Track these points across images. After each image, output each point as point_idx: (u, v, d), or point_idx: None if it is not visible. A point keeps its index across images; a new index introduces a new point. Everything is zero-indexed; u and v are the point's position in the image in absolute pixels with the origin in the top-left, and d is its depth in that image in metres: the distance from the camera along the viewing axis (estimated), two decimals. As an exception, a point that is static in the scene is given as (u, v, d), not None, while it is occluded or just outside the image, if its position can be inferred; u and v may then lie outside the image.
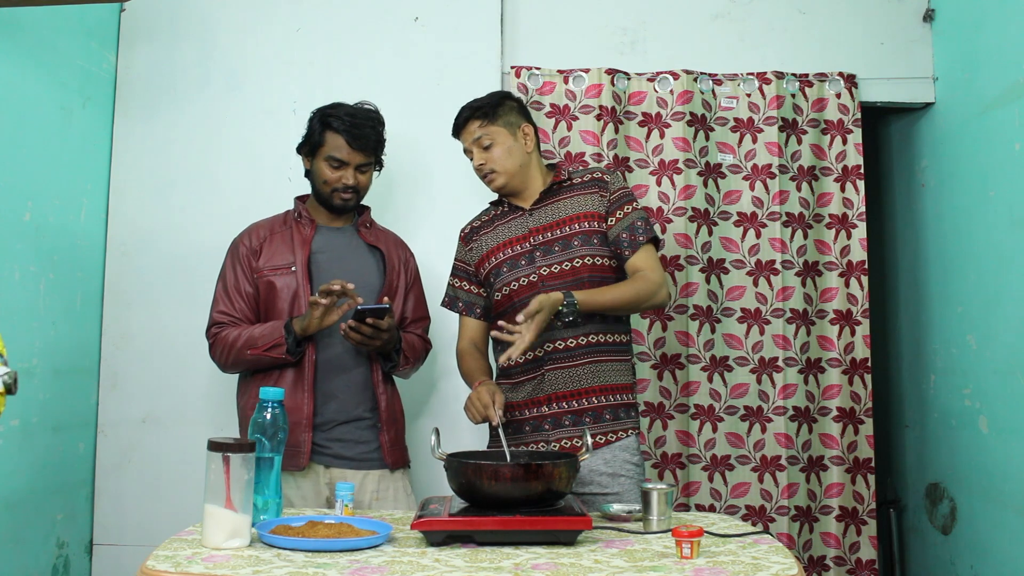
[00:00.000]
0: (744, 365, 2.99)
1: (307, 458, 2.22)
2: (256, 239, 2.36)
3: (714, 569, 1.52)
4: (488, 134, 2.26)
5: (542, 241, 2.26)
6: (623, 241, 2.25)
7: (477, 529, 1.67)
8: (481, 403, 2.08)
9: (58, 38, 2.60)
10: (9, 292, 2.37)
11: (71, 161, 2.70)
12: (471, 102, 2.32)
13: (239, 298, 2.32)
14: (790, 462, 2.94)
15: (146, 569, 1.46)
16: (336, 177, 2.32)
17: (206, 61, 2.97)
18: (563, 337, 2.21)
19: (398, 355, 2.31)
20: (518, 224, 2.30)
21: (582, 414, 2.21)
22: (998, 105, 2.68)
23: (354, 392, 2.29)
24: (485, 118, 2.27)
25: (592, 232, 2.25)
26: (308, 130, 2.37)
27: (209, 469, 1.61)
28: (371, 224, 2.46)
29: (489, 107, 2.29)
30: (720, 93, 3.06)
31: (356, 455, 2.28)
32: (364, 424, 2.30)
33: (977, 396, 2.79)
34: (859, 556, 2.96)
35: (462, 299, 2.38)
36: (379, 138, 2.37)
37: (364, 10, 3.01)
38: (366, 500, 2.27)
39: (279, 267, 2.31)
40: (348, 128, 2.29)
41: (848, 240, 3.05)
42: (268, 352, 2.22)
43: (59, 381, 2.63)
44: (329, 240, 2.38)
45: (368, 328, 2.15)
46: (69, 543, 2.69)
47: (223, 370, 2.37)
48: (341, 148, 2.30)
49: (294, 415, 2.22)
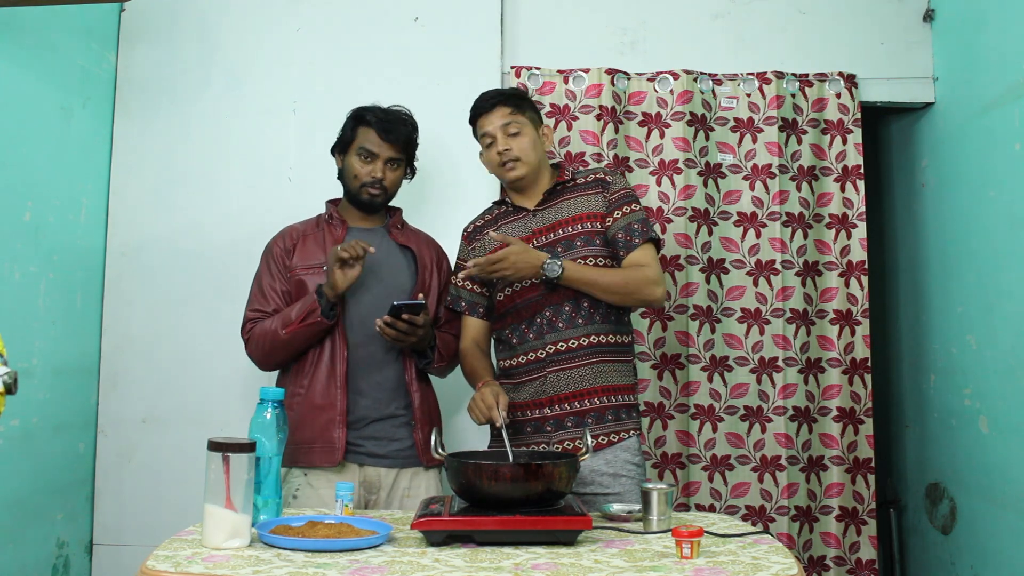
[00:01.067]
0: (744, 365, 2.99)
1: (342, 454, 2.22)
2: (290, 240, 2.39)
3: (714, 569, 1.52)
4: (517, 122, 2.27)
5: (545, 242, 2.25)
6: (619, 241, 2.25)
7: (477, 529, 1.67)
8: (485, 404, 2.07)
9: (58, 38, 2.60)
10: (9, 292, 2.37)
11: (71, 161, 2.71)
12: (496, 89, 2.35)
13: (274, 296, 2.33)
14: (790, 462, 2.94)
15: (146, 569, 1.46)
16: (366, 171, 2.34)
17: (206, 61, 2.97)
18: (565, 338, 2.21)
19: (432, 352, 2.31)
20: (522, 224, 2.30)
21: (584, 415, 2.20)
22: (998, 105, 2.68)
23: (387, 390, 2.30)
24: (515, 105, 2.28)
25: (594, 233, 2.25)
26: (341, 130, 2.41)
27: (209, 469, 1.61)
28: (403, 225, 2.47)
29: (518, 97, 2.31)
30: (720, 93, 3.06)
31: (390, 452, 2.28)
32: (398, 421, 2.30)
33: (977, 396, 2.79)
34: (859, 556, 2.96)
35: (465, 298, 2.36)
36: (410, 136, 2.38)
37: (364, 10, 3.01)
38: (397, 497, 2.27)
39: (311, 267, 2.33)
40: (380, 121, 2.34)
41: (848, 240, 3.05)
42: (303, 322, 2.22)
43: (59, 381, 2.63)
44: (360, 240, 2.38)
45: (403, 324, 2.15)
46: (69, 543, 2.69)
47: (262, 366, 2.36)
48: (372, 140, 2.33)
49: (327, 412, 2.23)
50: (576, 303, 2.22)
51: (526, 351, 2.24)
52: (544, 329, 2.22)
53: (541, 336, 2.22)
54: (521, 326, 2.25)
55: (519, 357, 2.25)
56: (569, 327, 2.20)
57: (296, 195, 2.89)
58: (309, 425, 2.24)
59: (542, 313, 2.22)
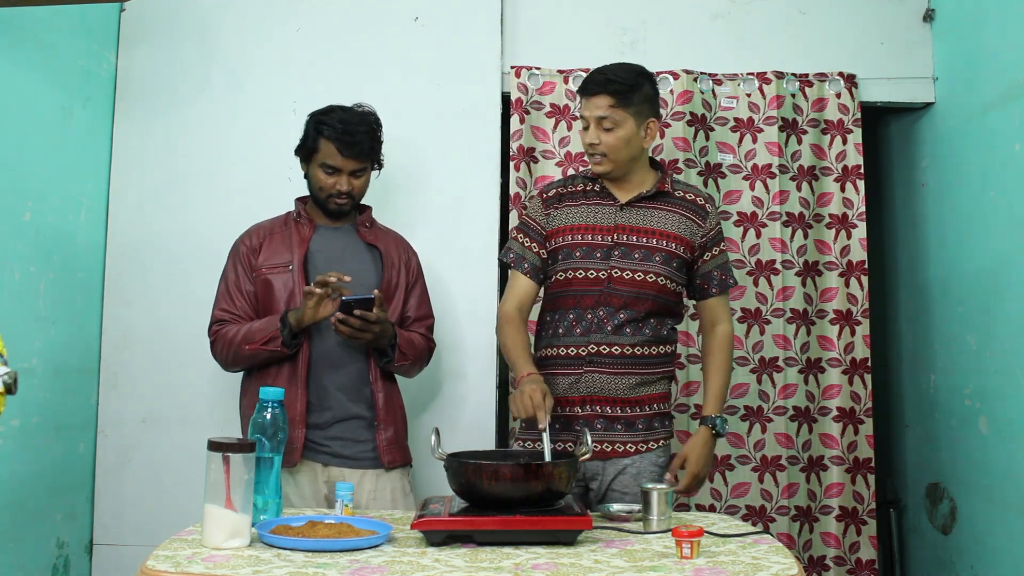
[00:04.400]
0: (744, 365, 2.99)
1: (299, 454, 2.22)
2: (256, 239, 2.38)
3: (714, 569, 1.52)
4: (614, 117, 2.14)
5: (625, 243, 2.19)
6: (713, 279, 2.25)
7: (477, 529, 1.67)
8: (533, 403, 1.96)
9: (58, 38, 2.60)
10: (9, 292, 2.37)
11: (71, 161, 2.70)
12: (610, 70, 2.16)
13: (240, 296, 2.33)
14: (790, 462, 2.94)
15: (146, 569, 1.46)
16: (331, 183, 2.32)
17: (206, 61, 2.97)
18: (610, 343, 2.17)
19: (393, 351, 2.29)
20: (607, 213, 2.22)
21: (615, 421, 2.18)
22: (998, 105, 2.68)
23: (349, 389, 2.29)
24: (619, 97, 2.13)
25: (675, 255, 2.20)
26: (303, 134, 2.37)
27: (209, 469, 1.61)
28: (372, 223, 2.46)
29: (627, 87, 2.13)
30: (720, 93, 3.06)
31: (353, 454, 2.28)
32: (362, 423, 2.30)
33: (977, 396, 2.79)
34: (859, 556, 2.96)
35: (528, 259, 2.25)
36: (373, 143, 2.34)
37: (364, 10, 3.01)
38: (363, 500, 2.27)
39: (276, 266, 2.32)
40: (340, 136, 2.28)
41: (848, 240, 3.05)
42: (265, 346, 2.22)
43: (59, 381, 2.63)
44: (327, 239, 2.38)
45: (356, 320, 2.14)
46: (69, 543, 2.69)
47: (225, 368, 2.37)
48: (334, 156, 2.29)
49: (288, 411, 2.21)
50: (633, 314, 2.17)
51: (568, 344, 2.19)
52: (592, 327, 2.17)
53: (587, 333, 2.17)
54: (569, 315, 2.19)
55: (559, 348, 2.20)
56: (617, 333, 2.17)
57: (296, 195, 2.89)
58: None
59: (595, 311, 2.17)
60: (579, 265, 2.20)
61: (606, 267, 2.19)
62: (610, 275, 2.18)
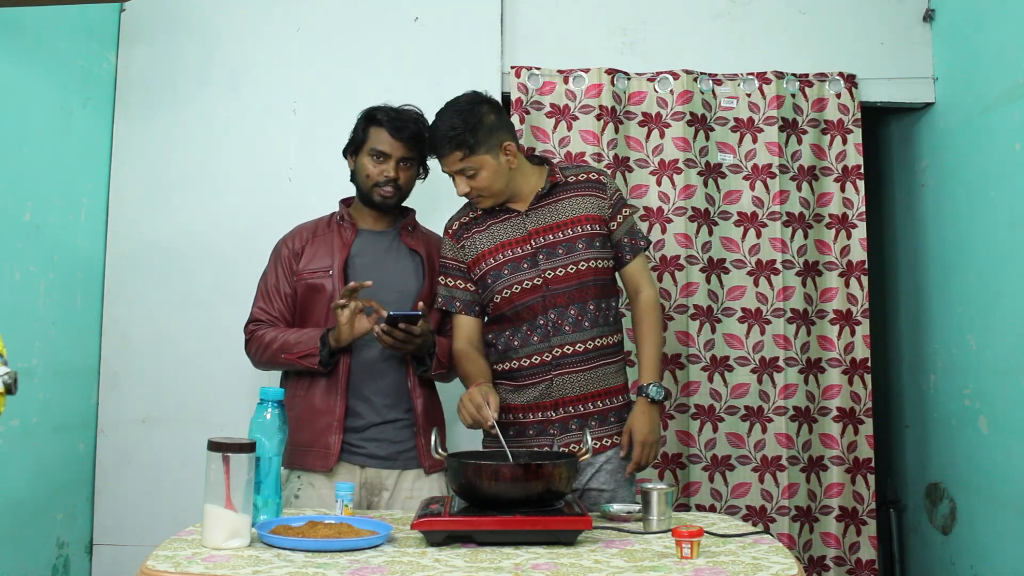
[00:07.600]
0: (744, 365, 2.99)
1: (335, 459, 2.22)
2: (299, 241, 2.38)
3: (714, 569, 1.52)
4: (471, 165, 2.16)
5: (544, 244, 2.23)
6: (625, 245, 2.27)
7: (477, 529, 1.67)
8: (473, 403, 2.02)
9: (58, 38, 2.60)
10: (9, 292, 2.37)
11: (71, 161, 2.70)
12: (445, 123, 2.15)
13: (277, 298, 2.34)
14: (790, 462, 2.94)
15: (146, 569, 1.46)
16: (379, 171, 2.31)
17: (206, 61, 2.97)
18: (572, 342, 2.20)
19: (431, 359, 2.28)
20: (515, 225, 2.26)
21: (587, 417, 2.20)
22: (998, 105, 2.68)
23: (388, 396, 2.29)
24: (466, 148, 2.14)
25: (595, 235, 2.24)
26: (353, 131, 2.38)
27: (209, 469, 1.61)
28: (415, 227, 2.45)
29: (468, 134, 2.13)
30: (720, 93, 3.06)
31: (390, 454, 2.27)
32: (400, 425, 2.29)
33: (977, 396, 2.79)
34: (859, 556, 2.96)
35: (459, 298, 2.31)
36: (422, 135, 2.33)
37: (364, 10, 3.01)
38: (400, 500, 2.27)
39: (317, 270, 2.32)
40: (391, 120, 2.31)
41: (848, 240, 3.05)
42: (301, 360, 2.23)
43: (59, 381, 2.62)
44: (369, 244, 2.37)
45: (400, 333, 2.14)
46: (69, 543, 2.69)
47: (255, 366, 2.37)
48: (383, 140, 2.31)
49: (325, 417, 2.23)
50: (582, 306, 2.21)
51: (530, 354, 2.22)
52: (550, 332, 2.20)
53: (547, 339, 2.20)
54: (523, 328, 2.23)
55: (522, 360, 2.23)
56: (575, 330, 2.20)
57: (296, 195, 2.89)
58: (307, 428, 2.24)
59: (546, 315, 2.21)
60: (512, 280, 2.22)
61: (538, 272, 2.21)
62: (544, 278, 2.20)
